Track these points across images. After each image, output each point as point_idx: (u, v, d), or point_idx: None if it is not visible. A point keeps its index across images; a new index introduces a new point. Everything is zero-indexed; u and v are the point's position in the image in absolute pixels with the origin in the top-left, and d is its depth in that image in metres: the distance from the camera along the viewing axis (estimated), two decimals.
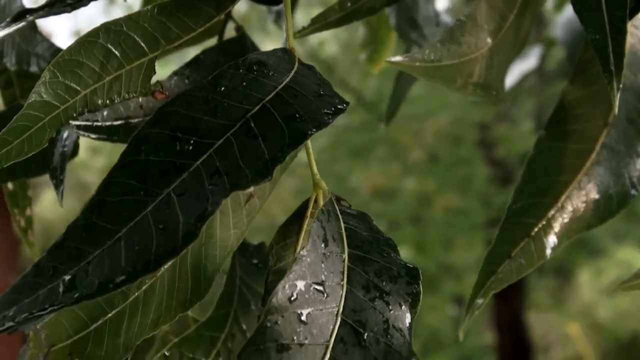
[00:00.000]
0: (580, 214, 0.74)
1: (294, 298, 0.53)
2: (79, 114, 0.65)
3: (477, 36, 0.81)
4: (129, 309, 0.63)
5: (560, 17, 1.96)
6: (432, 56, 0.77)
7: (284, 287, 0.53)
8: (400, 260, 0.59)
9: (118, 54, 0.65)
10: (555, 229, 0.73)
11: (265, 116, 0.58)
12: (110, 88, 0.65)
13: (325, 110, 0.60)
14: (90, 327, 0.61)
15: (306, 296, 0.53)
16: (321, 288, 0.54)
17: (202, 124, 0.57)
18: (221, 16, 0.69)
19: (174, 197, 0.53)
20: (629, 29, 0.76)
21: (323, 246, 0.57)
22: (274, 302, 0.52)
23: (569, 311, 8.74)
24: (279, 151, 0.56)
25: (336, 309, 0.54)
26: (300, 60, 0.67)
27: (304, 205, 0.67)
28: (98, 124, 0.77)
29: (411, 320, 0.56)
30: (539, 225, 0.73)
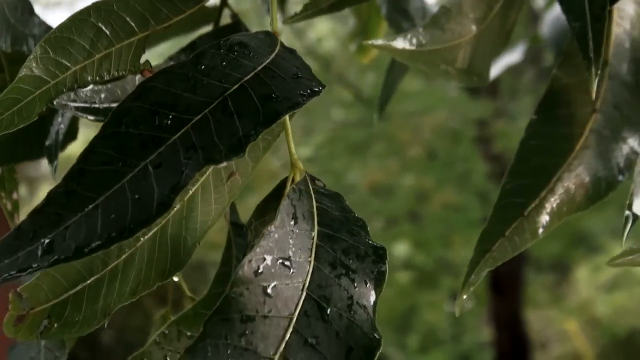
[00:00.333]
0: (570, 195, 0.76)
1: (260, 272, 0.55)
2: (68, 90, 0.67)
3: (462, 23, 0.83)
4: (107, 276, 0.64)
5: (548, 15, 1.96)
6: (416, 41, 0.79)
7: (250, 261, 0.55)
8: (369, 240, 0.60)
9: (108, 32, 0.67)
10: (547, 209, 0.75)
11: (242, 95, 0.60)
12: (100, 65, 0.68)
13: (301, 91, 0.62)
14: (69, 292, 0.62)
15: (272, 270, 0.55)
16: (288, 263, 0.56)
17: (181, 100, 0.59)
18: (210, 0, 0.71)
19: (151, 169, 0.55)
20: (615, 20, 0.78)
21: (292, 223, 0.59)
22: (240, 275, 0.54)
23: (567, 307, 8.75)
24: (252, 129, 0.58)
25: (302, 284, 0.55)
26: (282, 44, 0.68)
27: (282, 184, 0.69)
28: (96, 106, 0.77)
29: (376, 298, 0.57)
30: (532, 205, 0.75)
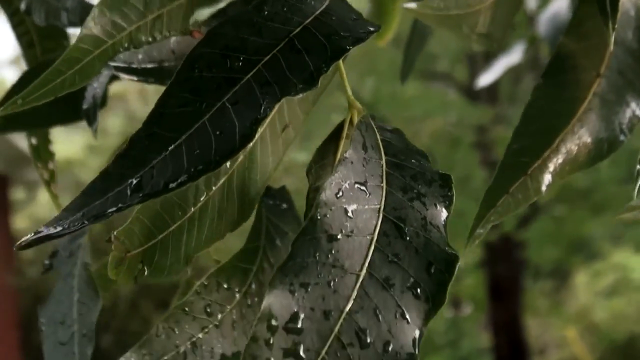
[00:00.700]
0: (573, 155, 0.79)
1: (340, 195, 0.58)
2: (124, 49, 0.71)
3: None
4: (187, 224, 0.69)
5: (543, 14, 1.97)
6: (442, 5, 0.85)
7: (331, 184, 0.58)
8: (432, 168, 0.63)
9: None
10: (550, 168, 0.78)
11: (307, 35, 0.63)
12: (153, 26, 0.72)
13: (360, 30, 0.65)
14: (158, 238, 0.67)
15: (351, 194, 0.58)
16: (364, 188, 0.59)
17: (249, 44, 0.62)
18: None
19: (229, 106, 0.58)
20: None
21: (363, 152, 0.62)
22: (323, 197, 0.57)
23: (566, 313, 8.75)
24: (322, 62, 0.61)
25: (378, 206, 0.59)
26: None
27: (340, 126, 0.72)
28: (134, 66, 0.83)
29: (446, 220, 0.59)
30: (535, 165, 0.78)
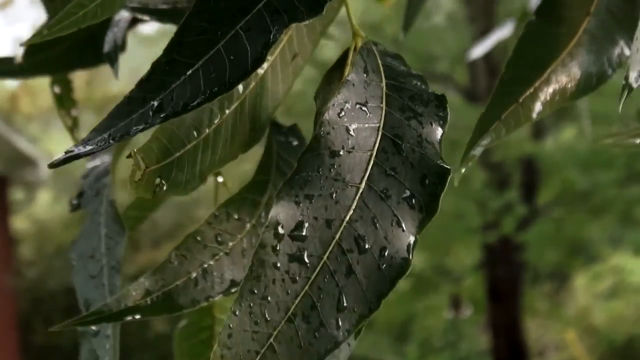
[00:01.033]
0: (563, 86, 0.83)
1: (342, 114, 0.63)
2: None
3: None
4: (202, 144, 0.73)
5: None
6: None
7: (334, 105, 0.63)
8: (430, 90, 0.67)
9: None
10: (541, 97, 0.82)
11: None
12: None
13: None
14: (174, 155, 0.70)
15: (352, 113, 0.63)
16: (365, 108, 0.64)
17: None
18: None
19: (242, 33, 0.62)
20: None
21: (365, 75, 0.67)
22: (326, 117, 0.62)
23: (565, 315, 8.75)
24: None
25: (378, 124, 0.63)
26: None
27: (345, 54, 0.74)
28: (150, 7, 0.88)
29: (440, 137, 0.63)
30: (527, 94, 0.82)
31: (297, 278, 0.56)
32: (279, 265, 0.57)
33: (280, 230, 0.57)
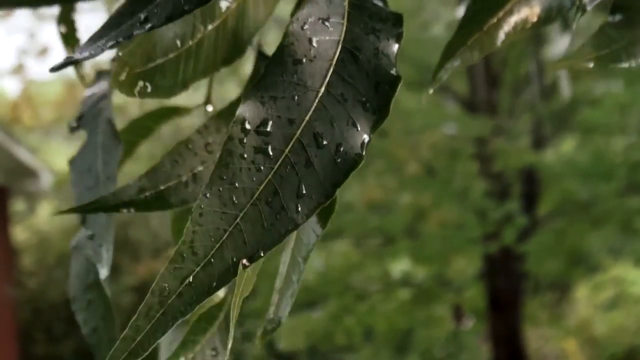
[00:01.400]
0: (524, 17, 0.89)
1: (306, 27, 0.69)
2: None
3: None
4: (184, 54, 0.80)
5: None
6: None
7: (298, 19, 0.69)
8: (388, 9, 0.73)
9: None
10: (504, 27, 0.88)
11: None
12: None
13: None
14: (156, 62, 0.78)
15: (315, 27, 0.69)
16: (327, 23, 0.69)
17: None
18: None
19: None
20: None
21: None
22: (290, 29, 0.68)
23: (566, 326, 8.74)
24: None
25: (338, 38, 0.69)
26: None
27: None
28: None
29: (396, 51, 0.69)
30: (491, 23, 0.88)
31: (262, 167, 0.63)
32: (245, 155, 0.63)
33: (247, 126, 0.63)
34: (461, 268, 8.07)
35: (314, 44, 0.68)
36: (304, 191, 0.63)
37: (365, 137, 0.65)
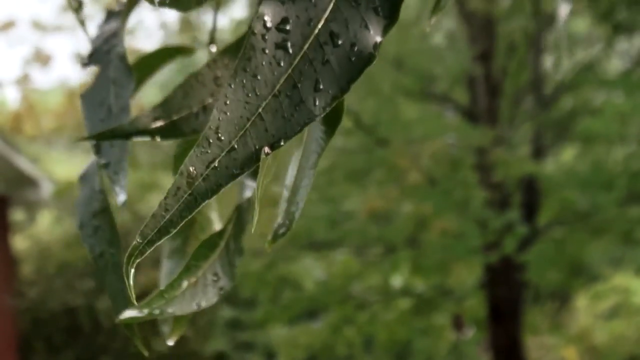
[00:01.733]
0: None
1: None
2: None
3: None
4: None
5: None
6: None
7: None
8: None
9: None
10: None
11: None
12: None
13: None
14: None
15: None
16: None
17: None
18: None
19: None
20: None
21: None
22: None
23: (566, 335, 8.73)
24: None
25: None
26: None
27: None
28: None
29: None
30: None
31: (282, 62, 0.66)
32: (266, 50, 0.66)
33: (268, 24, 0.67)
34: (462, 278, 8.06)
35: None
36: (321, 86, 0.66)
37: (377, 39, 0.68)
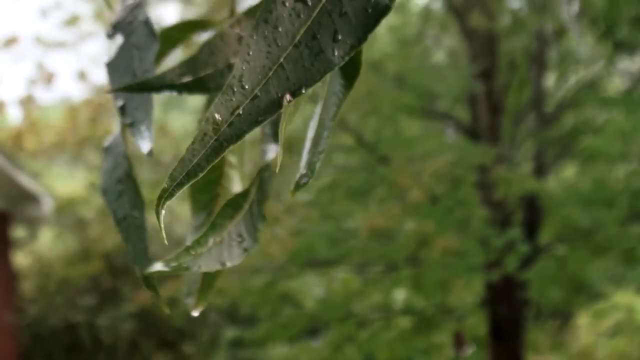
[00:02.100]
0: None
1: None
2: None
3: None
4: None
5: None
6: None
7: None
8: None
9: None
10: None
11: None
12: None
13: None
14: None
15: None
16: None
17: None
18: None
19: None
20: None
21: None
22: None
23: (568, 353, 8.71)
24: None
25: None
26: None
27: None
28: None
29: None
30: None
31: (301, 14, 0.69)
32: (286, 3, 0.69)
33: None
34: (463, 296, 8.05)
35: None
36: (339, 36, 0.69)
37: None
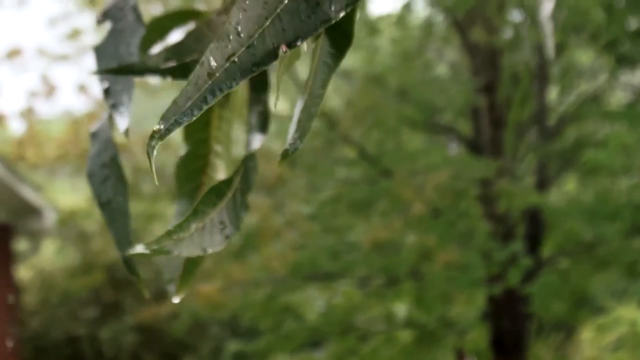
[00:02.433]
0: None
1: None
2: None
3: None
4: None
5: None
6: None
7: None
8: None
9: None
10: None
11: None
12: None
13: None
14: None
15: None
16: None
17: None
18: None
19: None
20: None
21: None
22: None
23: None
24: None
25: None
26: None
27: None
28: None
29: None
30: None
31: None
32: None
33: None
34: (465, 309, 8.03)
35: None
36: None
37: None
